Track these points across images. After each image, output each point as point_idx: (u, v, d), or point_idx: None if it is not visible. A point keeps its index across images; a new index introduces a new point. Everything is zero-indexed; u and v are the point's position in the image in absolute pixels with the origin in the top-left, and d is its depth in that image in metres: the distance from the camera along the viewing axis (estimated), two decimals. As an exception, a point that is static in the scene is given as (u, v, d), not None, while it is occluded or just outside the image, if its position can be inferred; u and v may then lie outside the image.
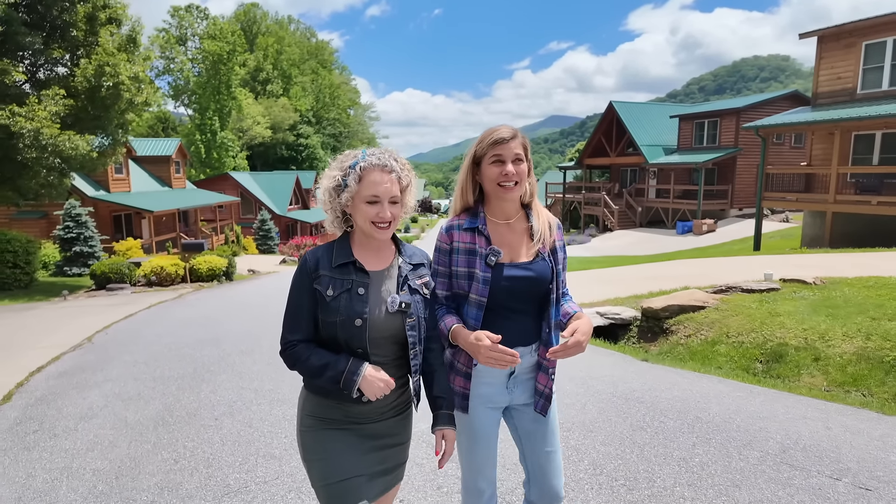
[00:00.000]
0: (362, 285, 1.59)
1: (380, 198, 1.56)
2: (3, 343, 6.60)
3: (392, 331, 1.61)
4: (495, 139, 1.69)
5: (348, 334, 1.55)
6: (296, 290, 1.60)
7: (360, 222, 1.60)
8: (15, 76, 9.84)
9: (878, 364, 4.51)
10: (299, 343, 1.58)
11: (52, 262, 15.90)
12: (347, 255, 1.61)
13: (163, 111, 50.74)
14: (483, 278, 1.68)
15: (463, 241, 1.74)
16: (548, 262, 1.74)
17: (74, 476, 2.99)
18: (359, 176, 1.56)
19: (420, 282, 1.69)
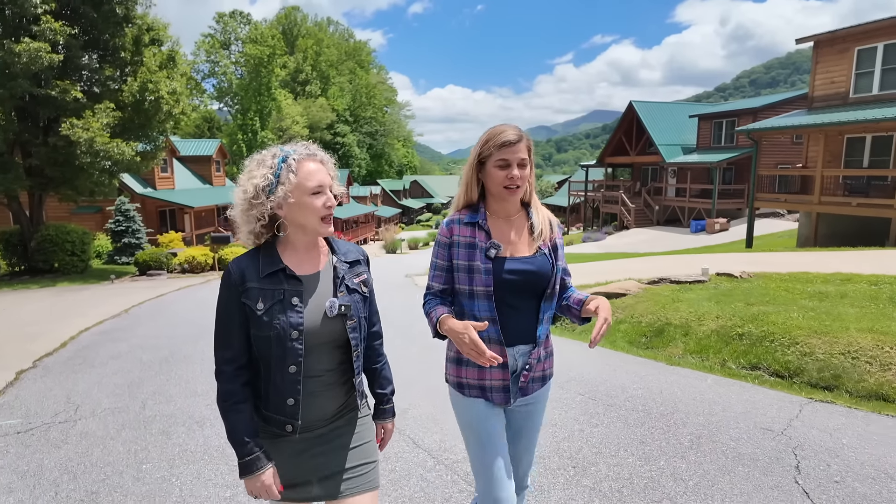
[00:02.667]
0: (295, 294, 1.48)
1: (324, 186, 1.49)
2: (63, 312, 8.38)
3: (332, 336, 1.53)
4: (502, 142, 1.67)
5: (282, 350, 1.45)
6: (223, 305, 1.49)
7: (303, 220, 1.49)
8: (74, 94, 11.72)
9: (723, 337, 5.59)
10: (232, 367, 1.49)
11: (105, 252, 18.12)
12: (276, 263, 1.49)
13: (208, 111, 53.96)
14: (485, 269, 1.67)
15: (463, 234, 1.73)
16: (548, 257, 1.73)
17: (103, 386, 4.54)
18: (294, 169, 1.46)
19: (358, 280, 1.61)
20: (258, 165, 1.49)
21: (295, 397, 1.48)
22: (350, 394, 1.62)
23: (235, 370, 1.47)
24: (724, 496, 2.48)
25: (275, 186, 1.45)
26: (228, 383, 1.47)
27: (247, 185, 1.47)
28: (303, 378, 1.48)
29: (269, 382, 1.49)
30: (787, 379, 4.71)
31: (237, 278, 1.47)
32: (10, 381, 4.76)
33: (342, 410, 1.62)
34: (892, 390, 4.18)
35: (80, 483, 2.82)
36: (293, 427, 1.50)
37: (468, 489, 2.66)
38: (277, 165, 1.46)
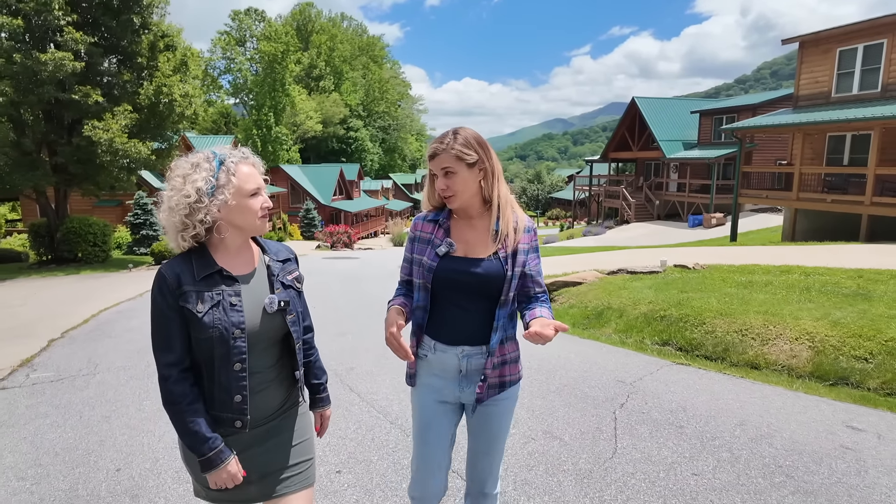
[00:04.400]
0: (234, 293, 1.51)
1: (261, 188, 1.54)
2: (86, 295, 9.49)
3: (273, 332, 1.58)
4: (427, 155, 1.73)
5: (226, 349, 1.47)
6: (159, 311, 1.48)
7: (241, 221, 1.53)
8: (95, 98, 12.82)
9: (648, 319, 6.43)
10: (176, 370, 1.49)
11: (124, 243, 19.38)
12: (210, 265, 1.51)
13: (225, 107, 55.38)
14: (429, 266, 1.71)
15: (424, 230, 1.78)
16: (502, 262, 1.71)
17: (117, 351, 5.56)
18: (233, 172, 1.50)
19: (291, 277, 1.66)
20: (194, 168, 1.50)
21: (242, 394, 1.51)
22: (292, 388, 1.67)
23: (180, 373, 1.48)
24: (554, 419, 3.34)
25: (215, 189, 1.47)
26: (176, 385, 1.47)
27: (187, 189, 1.47)
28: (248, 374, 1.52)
29: (213, 382, 1.51)
30: (689, 352, 5.54)
31: (173, 283, 1.47)
32: (43, 347, 5.82)
33: (284, 405, 1.65)
34: (763, 360, 5.00)
35: (98, 411, 3.81)
36: (242, 422, 1.53)
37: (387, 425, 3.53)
38: (216, 168, 1.49)
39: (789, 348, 5.04)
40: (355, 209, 40.62)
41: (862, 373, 4.41)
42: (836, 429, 3.08)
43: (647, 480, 2.58)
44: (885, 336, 4.66)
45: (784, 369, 4.83)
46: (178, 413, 1.47)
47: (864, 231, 13.41)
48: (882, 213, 12.96)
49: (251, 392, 1.53)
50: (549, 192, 63.02)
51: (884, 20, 14.35)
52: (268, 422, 1.61)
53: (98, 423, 3.59)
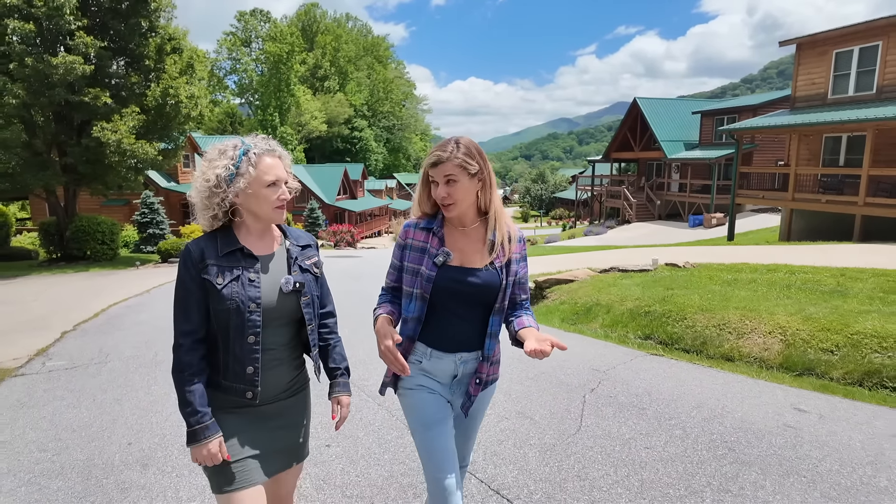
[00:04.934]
0: (253, 270, 1.59)
1: (280, 179, 1.59)
2: (96, 291, 9.83)
3: (287, 311, 1.64)
4: (430, 162, 1.72)
5: (241, 321, 1.55)
6: (182, 283, 1.59)
7: (257, 209, 1.60)
8: (104, 100, 13.18)
9: (633, 315, 6.69)
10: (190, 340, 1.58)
11: (132, 242, 19.77)
12: (233, 243, 1.61)
13: (231, 107, 55.89)
14: (428, 276, 1.70)
15: (417, 238, 1.76)
16: (498, 272, 1.74)
17: (126, 342, 5.88)
18: (254, 162, 1.56)
19: (310, 262, 1.72)
20: (220, 155, 1.59)
21: (254, 365, 1.59)
22: (301, 369, 1.74)
23: (193, 343, 1.57)
24: (528, 402, 3.62)
25: (234, 176, 1.55)
26: (186, 355, 1.56)
27: (209, 174, 1.57)
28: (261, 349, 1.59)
29: (228, 353, 1.58)
30: (669, 346, 5.80)
31: (197, 256, 1.57)
32: (56, 338, 6.15)
33: (293, 385, 1.72)
34: (738, 353, 5.26)
35: (109, 395, 4.11)
36: (253, 394, 1.60)
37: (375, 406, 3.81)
38: (238, 157, 1.56)
39: (762, 341, 5.29)
40: (359, 209, 40.96)
41: (827, 364, 4.67)
42: (783, 410, 3.34)
43: (603, 453, 2.85)
44: (852, 330, 4.91)
45: (756, 361, 5.09)
46: (180, 381, 1.55)
47: (858, 231, 13.60)
48: (875, 214, 13.15)
49: (263, 367, 1.61)
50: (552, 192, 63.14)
51: (879, 22, 14.52)
52: (277, 400, 1.67)
53: (110, 404, 3.90)
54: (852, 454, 2.72)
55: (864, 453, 2.73)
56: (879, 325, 4.88)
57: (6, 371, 4.83)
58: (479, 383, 1.78)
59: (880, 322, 4.95)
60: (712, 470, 2.62)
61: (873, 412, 3.32)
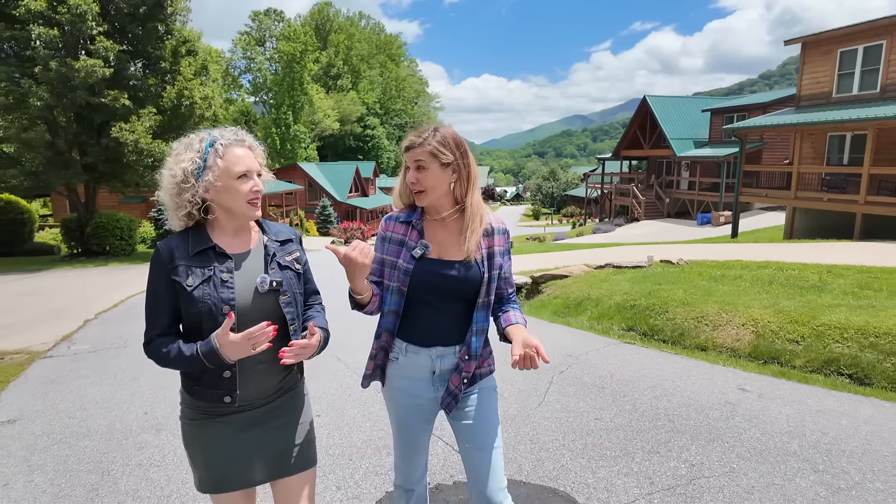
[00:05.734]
0: (225, 270, 1.51)
1: (251, 171, 1.51)
2: (115, 284, 10.39)
3: (265, 312, 1.55)
4: (405, 144, 1.70)
5: (214, 325, 1.46)
6: (152, 284, 1.52)
7: (229, 203, 1.52)
8: (123, 101, 13.75)
9: (620, 308, 7.01)
10: (157, 337, 1.52)
11: (149, 237, 20.44)
12: (205, 241, 1.53)
13: (245, 105, 56.74)
14: (405, 269, 1.68)
15: (396, 231, 1.74)
16: (477, 265, 1.71)
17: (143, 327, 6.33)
18: (221, 153, 1.49)
19: (290, 258, 1.64)
20: (186, 149, 1.51)
21: (231, 370, 1.51)
22: (287, 370, 1.64)
23: (159, 339, 1.52)
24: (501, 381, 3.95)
25: (202, 170, 1.47)
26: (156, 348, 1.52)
27: (175, 169, 1.49)
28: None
29: None
30: (650, 337, 6.13)
31: (166, 256, 1.49)
32: (80, 325, 6.66)
33: (281, 388, 1.63)
34: (712, 343, 5.58)
35: (128, 374, 4.57)
36: (232, 398, 1.53)
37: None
38: (205, 150, 1.49)
39: (735, 333, 5.60)
40: (370, 206, 41.49)
41: (791, 353, 4.97)
42: (728, 390, 3.67)
43: (556, 422, 3.22)
44: (818, 321, 5.20)
45: (728, 351, 5.40)
46: (163, 359, 1.50)
47: (859, 229, 13.72)
48: (875, 212, 13.26)
49: (243, 371, 1.53)
50: (564, 190, 63.17)
51: (883, 22, 14.58)
52: (267, 402, 1.60)
53: (129, 382, 4.35)
54: (775, 425, 3.05)
55: (786, 425, 3.06)
56: (844, 317, 5.17)
57: (36, 353, 5.33)
58: (465, 381, 1.71)
59: (845, 315, 5.24)
60: (648, 436, 2.97)
61: (809, 392, 3.64)
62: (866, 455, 2.64)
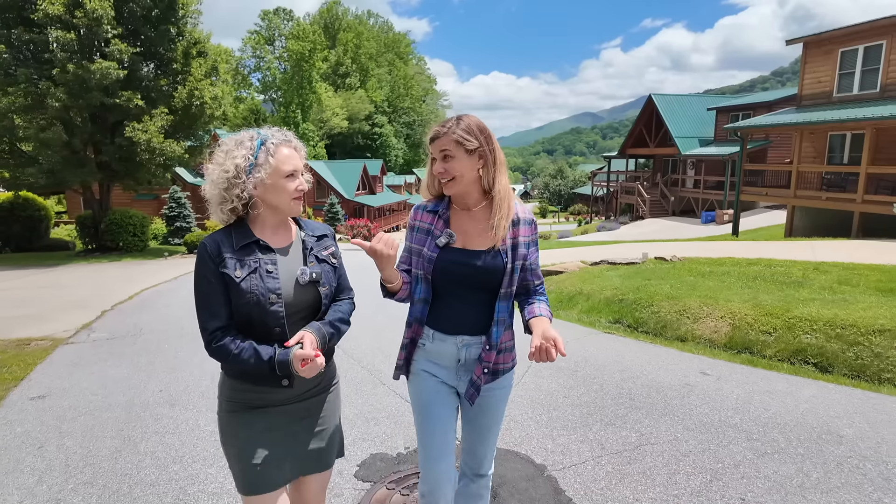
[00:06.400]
0: (270, 262, 1.57)
1: (297, 170, 1.60)
2: (129, 278, 10.86)
3: (307, 303, 1.62)
4: (429, 137, 1.73)
5: (263, 313, 1.53)
6: (202, 278, 1.56)
7: (276, 200, 1.59)
8: (136, 102, 14.21)
9: (608, 302, 7.32)
10: (221, 333, 1.54)
11: (161, 234, 20.97)
12: (249, 236, 1.59)
13: (255, 103, 57.38)
14: (429, 257, 1.71)
15: (424, 220, 1.78)
16: (502, 255, 1.71)
17: (157, 320, 6.76)
18: (272, 152, 1.56)
19: (326, 252, 1.71)
20: (237, 146, 1.57)
21: (289, 378, 1.56)
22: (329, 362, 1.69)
23: (221, 334, 1.54)
24: None
25: (253, 167, 1.54)
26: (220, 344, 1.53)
27: (227, 164, 1.55)
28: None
29: None
30: (634, 329, 6.44)
31: (213, 251, 1.55)
32: (97, 316, 7.09)
33: (321, 382, 1.70)
34: (691, 335, 5.88)
35: (144, 358, 4.97)
36: (290, 381, 1.58)
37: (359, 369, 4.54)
38: (256, 147, 1.55)
39: (714, 325, 5.90)
40: (378, 203, 41.91)
41: (763, 343, 5.27)
42: (690, 373, 3.99)
43: (528, 399, 3.55)
44: (791, 314, 5.49)
45: (705, 342, 5.70)
46: (233, 357, 1.51)
47: (856, 228, 13.90)
48: (872, 211, 13.43)
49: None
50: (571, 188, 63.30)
51: (883, 22, 14.71)
52: (305, 398, 1.66)
53: (145, 365, 4.75)
54: (725, 403, 3.37)
55: (734, 402, 3.37)
56: (816, 310, 5.46)
57: (59, 340, 5.76)
58: (486, 372, 1.73)
59: (817, 308, 5.52)
60: (608, 411, 3.30)
61: (764, 376, 3.95)
62: (797, 427, 2.96)
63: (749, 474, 2.46)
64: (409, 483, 2.56)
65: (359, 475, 2.68)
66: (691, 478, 2.45)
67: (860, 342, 4.80)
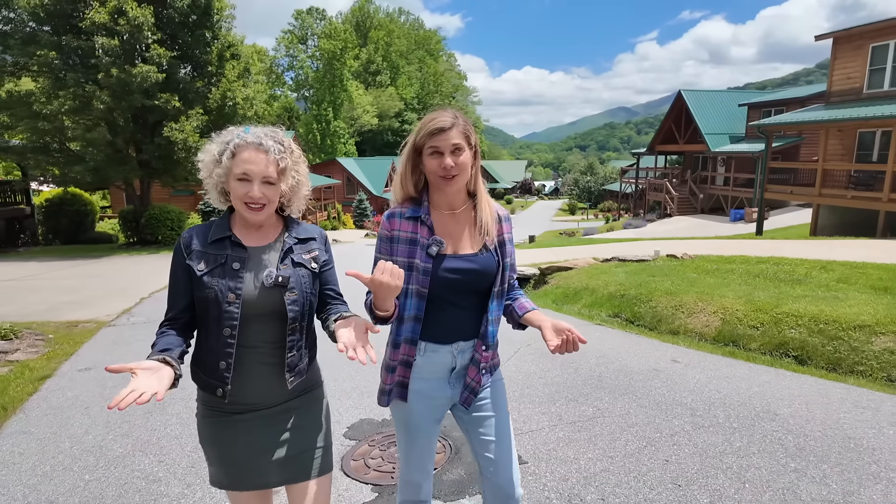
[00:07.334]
0: (237, 260, 1.54)
1: (250, 176, 1.50)
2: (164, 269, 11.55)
3: (270, 307, 1.54)
4: (432, 129, 1.58)
5: (219, 312, 1.50)
6: (171, 267, 1.58)
7: (233, 200, 1.56)
8: (173, 103, 15.06)
9: (611, 297, 7.60)
10: (168, 324, 1.57)
11: (197, 228, 22.05)
12: (224, 231, 1.57)
13: (289, 101, 58.80)
14: (424, 269, 1.61)
15: (404, 229, 1.65)
16: (493, 254, 1.68)
17: (188, 307, 7.41)
18: (232, 153, 1.51)
19: (308, 256, 1.63)
20: (217, 140, 1.57)
21: (227, 360, 1.51)
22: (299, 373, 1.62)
23: (168, 327, 1.57)
24: None
25: (218, 165, 1.54)
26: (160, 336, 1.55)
27: (202, 155, 1.60)
28: (237, 345, 1.51)
29: (205, 346, 1.56)
30: (632, 323, 6.74)
31: (185, 242, 1.56)
32: (136, 302, 7.78)
33: (297, 389, 1.63)
34: (684, 329, 6.15)
35: (175, 339, 5.58)
36: (223, 391, 1.53)
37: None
38: (224, 146, 1.53)
39: (706, 319, 6.16)
40: (405, 200, 42.54)
41: (749, 337, 5.52)
42: (661, 360, 4.30)
43: (508, 379, 3.92)
44: (779, 310, 5.72)
45: (696, 335, 5.97)
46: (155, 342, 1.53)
47: (881, 227, 13.70)
48: (898, 210, 13.23)
49: (240, 364, 1.53)
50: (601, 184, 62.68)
51: (915, 16, 14.40)
52: (283, 402, 1.60)
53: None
54: (684, 385, 3.69)
55: (692, 385, 3.69)
56: (803, 307, 5.67)
57: (102, 323, 6.45)
58: (483, 373, 1.70)
59: (806, 305, 5.73)
60: (575, 391, 3.67)
61: (728, 363, 4.24)
62: (741, 406, 3.27)
63: (681, 442, 2.80)
64: (387, 442, 3.01)
65: (348, 435, 3.13)
66: (629, 444, 2.81)
67: (840, 337, 5.02)
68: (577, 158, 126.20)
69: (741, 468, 2.52)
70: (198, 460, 2.92)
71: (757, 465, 2.55)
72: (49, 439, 3.25)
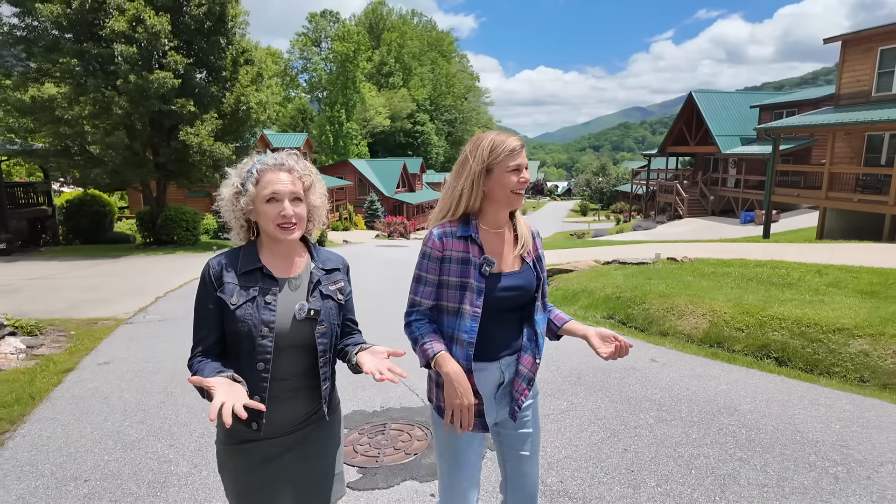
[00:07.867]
0: (270, 293, 1.54)
1: (279, 195, 1.52)
2: (181, 269, 12.09)
3: (301, 339, 1.57)
4: (512, 149, 1.66)
5: (252, 346, 1.50)
6: (200, 299, 1.58)
7: (264, 226, 1.56)
8: (189, 108, 15.53)
9: (606, 299, 7.83)
10: (201, 355, 1.55)
11: (211, 229, 22.55)
12: (254, 262, 1.57)
13: (303, 102, 59.54)
14: (478, 288, 1.64)
15: (456, 249, 1.67)
16: (533, 270, 1.74)
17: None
18: (256, 179, 1.54)
19: (334, 287, 1.66)
20: (235, 174, 1.61)
21: (261, 395, 1.51)
22: (318, 401, 1.64)
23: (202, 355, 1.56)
24: None
25: (242, 195, 1.56)
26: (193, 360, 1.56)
27: (223, 191, 1.61)
28: (270, 379, 1.52)
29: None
30: (625, 324, 6.97)
31: (216, 273, 1.55)
32: (151, 301, 8.17)
33: (310, 417, 1.64)
34: (673, 330, 6.37)
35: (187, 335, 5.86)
36: (258, 425, 1.53)
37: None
38: (246, 175, 1.56)
39: (695, 321, 6.38)
40: (416, 201, 42.92)
41: (734, 339, 5.73)
42: (640, 360, 4.53)
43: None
44: (765, 313, 5.92)
45: (684, 336, 6.19)
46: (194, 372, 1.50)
47: (887, 231, 13.72)
48: (903, 214, 13.24)
49: (273, 398, 1.54)
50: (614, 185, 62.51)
51: (923, 19, 14.37)
52: (293, 431, 1.62)
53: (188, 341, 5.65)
54: (656, 383, 3.93)
55: (664, 383, 3.93)
56: (788, 310, 5.86)
57: (120, 320, 6.84)
58: (528, 385, 1.74)
59: (791, 308, 5.92)
60: (553, 386, 3.93)
61: (703, 363, 4.46)
62: (705, 403, 3.51)
63: (641, 434, 3.05)
64: (375, 431, 3.31)
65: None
66: (594, 434, 3.07)
67: (819, 339, 5.22)
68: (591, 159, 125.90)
69: (691, 457, 2.76)
70: (205, 445, 3.23)
71: (706, 454, 2.79)
72: (72, 425, 3.59)
